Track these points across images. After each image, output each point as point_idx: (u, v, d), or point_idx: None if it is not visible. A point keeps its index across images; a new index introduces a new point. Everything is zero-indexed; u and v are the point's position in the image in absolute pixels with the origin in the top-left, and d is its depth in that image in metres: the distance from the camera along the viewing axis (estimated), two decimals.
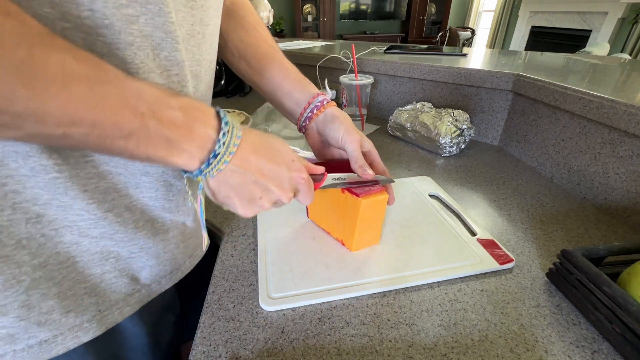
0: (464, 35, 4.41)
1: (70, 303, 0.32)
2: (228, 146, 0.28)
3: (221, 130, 0.28)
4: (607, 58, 1.09)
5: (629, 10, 3.32)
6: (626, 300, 0.32)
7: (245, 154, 0.30)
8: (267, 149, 0.32)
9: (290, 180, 0.33)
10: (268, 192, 0.32)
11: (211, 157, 0.28)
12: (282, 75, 0.45)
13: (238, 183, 0.30)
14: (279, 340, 0.34)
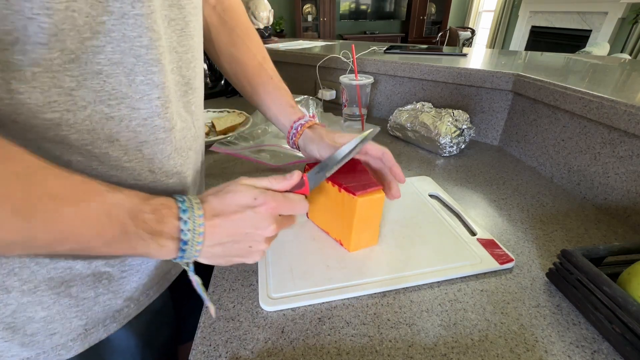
0: (464, 35, 4.41)
1: (57, 326, 0.33)
2: (194, 230, 0.29)
3: (180, 220, 0.29)
4: (607, 58, 1.09)
5: (629, 10, 3.32)
6: (626, 300, 0.32)
7: (212, 228, 0.30)
8: (227, 206, 0.32)
9: (263, 217, 0.32)
10: (253, 240, 0.33)
11: (182, 245, 0.29)
12: (270, 99, 0.51)
13: (223, 251, 0.32)
14: (279, 340, 0.34)
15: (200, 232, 0.30)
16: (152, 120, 0.32)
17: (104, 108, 0.28)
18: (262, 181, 0.34)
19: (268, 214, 0.32)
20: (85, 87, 0.27)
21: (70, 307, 0.33)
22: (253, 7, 1.32)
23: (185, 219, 0.29)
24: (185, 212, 0.29)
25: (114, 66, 0.27)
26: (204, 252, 0.31)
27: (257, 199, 0.32)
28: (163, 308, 0.45)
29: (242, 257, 0.34)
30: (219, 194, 0.32)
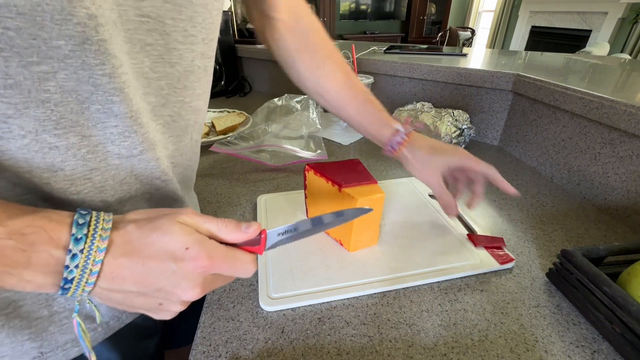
0: (464, 35, 4.41)
1: (7, 349, 0.30)
2: (84, 268, 0.23)
3: (70, 253, 0.22)
4: (607, 58, 1.09)
5: (629, 10, 3.32)
6: (626, 300, 0.32)
7: (114, 269, 0.24)
8: (146, 246, 0.25)
9: (187, 275, 0.25)
10: (165, 299, 0.26)
11: (64, 283, 0.23)
12: (360, 116, 0.49)
13: (124, 299, 0.25)
14: (279, 340, 0.34)
15: (94, 272, 0.23)
16: (104, 147, 0.28)
17: (47, 137, 0.25)
18: (210, 223, 0.27)
19: (196, 273, 0.25)
20: (25, 116, 0.23)
21: (22, 329, 0.30)
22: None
23: (76, 252, 0.22)
24: (79, 242, 0.22)
25: (65, 94, 0.24)
26: (96, 293, 0.24)
27: (188, 250, 0.25)
28: (145, 320, 0.42)
29: (147, 311, 0.27)
30: (143, 226, 0.25)
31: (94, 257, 0.23)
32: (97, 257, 0.23)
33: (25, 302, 0.30)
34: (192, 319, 0.51)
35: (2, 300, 0.29)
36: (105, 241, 0.23)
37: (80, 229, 0.23)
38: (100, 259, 0.23)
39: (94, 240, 0.23)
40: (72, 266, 0.22)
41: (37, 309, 0.31)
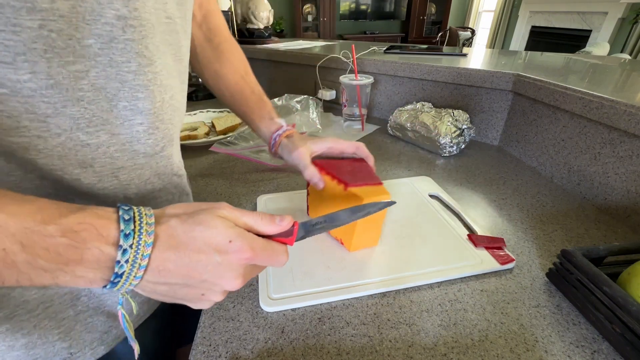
0: (464, 35, 4.41)
1: (40, 351, 0.31)
2: (134, 262, 0.23)
3: (120, 248, 0.23)
4: (607, 58, 1.09)
5: (629, 10, 3.32)
6: (626, 300, 0.32)
7: (160, 262, 0.24)
8: (191, 239, 0.25)
9: (231, 267, 0.26)
10: (209, 290, 0.27)
11: (114, 278, 0.23)
12: (252, 112, 0.53)
13: (168, 291, 0.26)
14: (279, 340, 0.34)
15: (143, 266, 0.24)
16: (131, 146, 0.30)
17: (80, 135, 0.26)
18: (247, 217, 0.28)
19: (239, 264, 0.26)
20: (62, 115, 0.25)
21: (52, 329, 0.31)
22: (253, 7, 1.32)
23: (126, 247, 0.23)
24: (128, 237, 0.23)
25: (96, 92, 0.26)
26: (142, 286, 0.25)
27: (232, 243, 0.26)
28: (160, 312, 0.44)
29: (188, 301, 0.28)
30: (186, 221, 0.25)
31: (142, 252, 0.23)
32: (145, 252, 0.23)
33: (53, 303, 0.31)
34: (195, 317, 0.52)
35: (32, 302, 0.29)
36: (151, 236, 0.24)
37: (127, 225, 0.23)
38: (148, 254, 0.24)
39: (141, 235, 0.24)
40: (122, 261, 0.23)
41: (63, 309, 0.31)
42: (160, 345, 0.46)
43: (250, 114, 0.53)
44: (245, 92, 0.53)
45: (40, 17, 0.22)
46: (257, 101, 0.53)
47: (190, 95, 1.19)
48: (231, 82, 0.53)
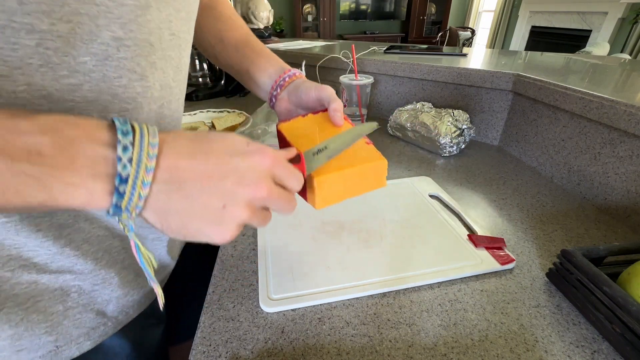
0: (464, 35, 4.41)
1: (25, 342, 0.31)
2: (140, 160, 0.20)
3: (119, 143, 0.20)
4: (607, 58, 1.09)
5: (629, 10, 3.32)
6: (626, 300, 0.32)
7: (173, 163, 0.22)
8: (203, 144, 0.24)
9: (252, 167, 0.24)
10: (230, 198, 0.24)
11: (119, 184, 0.20)
12: (257, 54, 0.47)
13: (184, 206, 0.23)
14: (279, 341, 0.34)
15: (150, 168, 0.21)
16: None
17: None
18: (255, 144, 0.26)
19: (262, 167, 0.24)
20: None
21: (39, 323, 0.31)
22: (253, 7, 1.32)
23: (126, 144, 0.20)
24: (127, 135, 0.20)
25: (87, 104, 0.27)
26: (152, 202, 0.22)
27: (250, 145, 0.25)
28: (153, 310, 0.44)
29: (207, 225, 0.24)
30: (193, 135, 0.24)
31: (148, 152, 0.21)
32: (151, 151, 0.21)
33: (43, 297, 0.31)
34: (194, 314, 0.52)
35: (22, 296, 0.30)
36: (155, 137, 0.21)
37: (124, 124, 0.21)
38: (155, 154, 0.21)
39: (143, 135, 0.21)
40: (124, 159, 0.20)
41: (53, 304, 0.32)
42: (153, 343, 0.46)
43: (257, 63, 0.47)
44: (252, 42, 0.49)
45: (38, 37, 0.23)
46: (265, 51, 0.48)
47: (190, 95, 1.19)
48: (236, 36, 0.49)
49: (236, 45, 0.49)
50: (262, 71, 0.47)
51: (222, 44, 0.49)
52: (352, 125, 0.39)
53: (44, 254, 0.30)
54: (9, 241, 0.28)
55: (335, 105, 0.38)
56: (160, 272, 0.42)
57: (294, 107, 0.44)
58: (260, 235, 0.48)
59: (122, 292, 0.37)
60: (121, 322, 0.38)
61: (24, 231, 0.28)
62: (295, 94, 0.43)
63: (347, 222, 0.51)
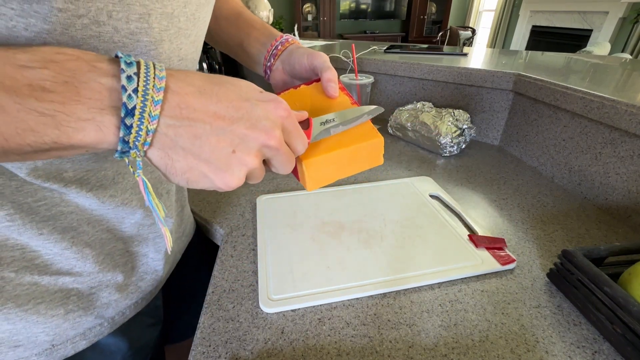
0: (464, 35, 4.40)
1: (22, 339, 0.31)
2: (146, 92, 0.19)
3: (123, 72, 0.19)
4: (608, 58, 1.09)
5: (629, 9, 3.32)
6: (627, 301, 0.31)
7: (182, 99, 0.21)
8: (216, 85, 0.23)
9: (269, 116, 0.23)
10: (241, 143, 0.23)
11: (125, 117, 0.19)
12: (249, 25, 0.45)
13: (191, 142, 0.21)
14: (278, 341, 0.34)
15: (157, 101, 0.20)
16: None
17: None
18: None
19: (276, 116, 0.24)
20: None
21: (37, 324, 0.31)
22: (253, 7, 1.31)
23: (130, 74, 0.19)
24: (131, 65, 0.20)
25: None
26: (159, 137, 0.21)
27: (263, 93, 0.24)
28: (151, 310, 0.44)
29: (213, 169, 0.22)
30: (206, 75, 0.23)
31: (154, 83, 0.20)
32: (158, 84, 0.20)
33: (44, 300, 0.31)
34: (188, 315, 0.51)
35: (23, 297, 0.30)
36: (162, 70, 0.21)
37: (127, 56, 0.20)
38: (162, 87, 0.20)
39: (149, 67, 0.20)
40: (129, 89, 0.19)
41: (54, 307, 0.32)
42: (149, 343, 0.45)
43: (250, 34, 0.44)
44: (244, 14, 0.46)
45: None
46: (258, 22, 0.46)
47: None
48: (228, 9, 0.46)
49: (227, 18, 0.46)
50: (255, 41, 0.44)
51: (215, 20, 0.46)
52: (349, 96, 0.37)
53: (45, 254, 0.30)
54: (12, 241, 0.28)
55: (329, 74, 0.36)
56: (156, 279, 0.42)
57: (289, 77, 0.42)
58: (259, 235, 0.48)
59: (120, 295, 0.37)
60: (117, 322, 0.38)
61: (27, 233, 0.28)
62: (289, 62, 0.40)
63: (347, 222, 0.51)
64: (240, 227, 0.51)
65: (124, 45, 0.25)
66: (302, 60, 0.38)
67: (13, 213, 0.27)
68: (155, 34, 0.27)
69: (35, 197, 0.28)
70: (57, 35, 0.21)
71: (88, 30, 0.22)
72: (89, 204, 0.31)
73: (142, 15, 0.25)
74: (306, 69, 0.38)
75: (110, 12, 0.23)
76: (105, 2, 0.22)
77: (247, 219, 0.53)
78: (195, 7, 0.31)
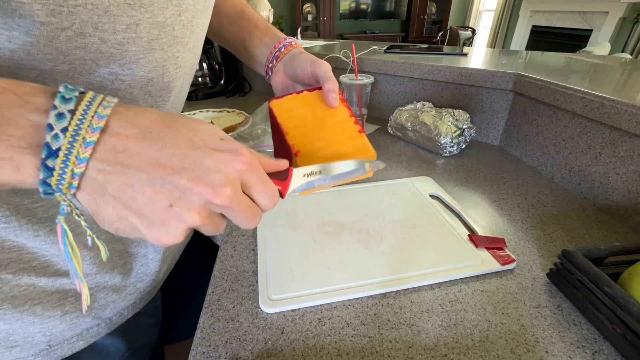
0: (464, 35, 4.40)
1: (19, 339, 0.31)
2: (77, 132, 0.17)
3: (54, 109, 0.17)
4: (608, 58, 1.09)
5: (629, 9, 3.32)
6: (627, 301, 0.31)
7: (120, 142, 0.19)
8: (167, 127, 0.20)
9: (222, 169, 0.20)
10: (182, 195, 0.20)
11: (47, 158, 0.17)
12: (253, 25, 0.45)
13: (122, 190, 0.19)
14: (278, 341, 0.34)
15: (90, 142, 0.18)
16: None
17: None
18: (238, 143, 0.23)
19: (230, 170, 0.21)
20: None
21: (34, 325, 0.31)
22: (253, 7, 1.31)
23: (63, 111, 0.17)
24: (69, 101, 0.18)
25: None
26: (88, 182, 0.19)
27: (224, 142, 0.21)
28: (150, 310, 0.44)
29: (146, 224, 0.20)
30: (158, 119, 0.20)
31: (90, 122, 0.18)
32: (95, 123, 0.18)
33: (41, 301, 0.31)
34: (188, 315, 0.51)
35: (19, 298, 0.30)
36: (107, 109, 0.18)
37: (70, 91, 0.18)
38: (99, 127, 0.18)
39: (92, 104, 0.18)
40: (57, 128, 0.17)
41: (50, 308, 0.32)
42: (148, 343, 0.46)
43: (253, 34, 0.44)
44: (247, 13, 0.46)
45: (38, 72, 0.23)
46: (262, 22, 0.46)
47: (190, 95, 1.19)
48: (231, 7, 0.46)
49: (230, 16, 0.46)
50: (258, 41, 0.44)
51: (216, 17, 0.46)
52: (348, 109, 0.37)
53: (43, 256, 0.30)
54: (9, 243, 0.28)
55: (330, 85, 0.36)
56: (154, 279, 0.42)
57: (290, 80, 0.42)
58: (259, 235, 0.48)
59: (118, 296, 0.37)
60: (115, 323, 0.38)
61: (24, 235, 0.28)
62: (291, 66, 0.40)
63: (347, 222, 0.51)
64: (240, 227, 0.51)
65: (111, 55, 0.25)
66: (304, 67, 0.38)
67: (9, 215, 0.27)
68: (144, 43, 0.27)
69: (32, 198, 0.28)
70: (41, 47, 0.21)
71: (73, 41, 0.22)
72: None
73: (130, 26, 0.25)
74: (308, 76, 0.38)
75: (96, 24, 0.23)
76: (90, 15, 0.22)
77: None
78: (192, 15, 0.31)
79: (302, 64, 0.39)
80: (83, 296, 0.22)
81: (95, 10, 0.22)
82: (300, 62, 0.39)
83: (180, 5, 0.28)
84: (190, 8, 0.30)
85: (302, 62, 0.39)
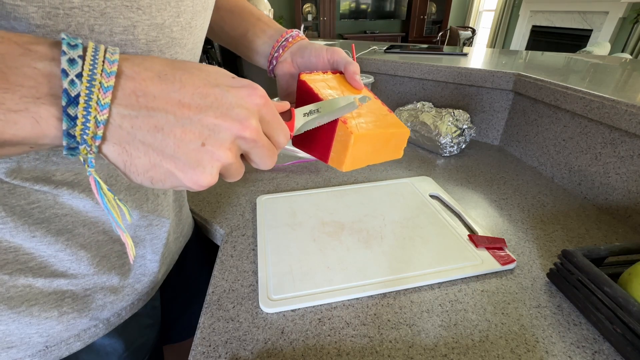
0: (464, 35, 4.40)
1: (16, 340, 0.31)
2: (93, 77, 0.17)
3: (64, 55, 0.16)
4: (608, 58, 1.09)
5: (629, 9, 3.32)
6: (627, 301, 0.31)
7: (138, 85, 0.18)
8: (179, 70, 0.20)
9: (243, 103, 0.20)
10: (213, 132, 0.20)
11: (68, 106, 0.16)
12: (255, 17, 0.44)
13: (152, 135, 0.18)
14: (278, 341, 0.34)
15: (107, 87, 0.17)
16: None
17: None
18: None
19: (251, 104, 0.21)
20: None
21: (31, 325, 0.31)
22: None
23: (73, 57, 0.16)
24: (75, 48, 0.17)
25: None
26: (113, 130, 0.18)
27: (235, 79, 0.21)
28: (148, 310, 0.43)
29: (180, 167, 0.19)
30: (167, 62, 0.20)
31: (102, 67, 0.17)
32: (109, 67, 0.17)
33: (38, 302, 0.31)
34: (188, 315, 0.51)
35: (16, 299, 0.30)
36: (115, 53, 0.18)
37: (72, 38, 0.17)
38: (113, 71, 0.17)
39: (98, 49, 0.17)
40: (72, 74, 0.16)
41: (47, 309, 0.32)
42: (146, 343, 0.45)
43: (255, 25, 0.43)
44: (249, 7, 0.45)
45: None
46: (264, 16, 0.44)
47: None
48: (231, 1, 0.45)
49: (232, 10, 0.45)
50: (261, 32, 0.43)
51: (217, 12, 0.45)
52: (369, 91, 0.38)
53: (39, 257, 0.30)
54: (5, 244, 0.28)
55: (354, 67, 0.36)
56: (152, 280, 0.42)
57: (297, 70, 0.41)
58: (259, 234, 0.48)
59: (116, 296, 0.37)
60: (113, 323, 0.38)
61: (20, 235, 0.28)
62: (302, 55, 0.39)
63: (347, 222, 0.51)
64: (240, 227, 0.51)
65: None
66: (320, 54, 0.38)
67: (5, 216, 0.27)
68: (142, 45, 0.26)
69: (28, 199, 0.28)
70: None
71: None
72: (83, 205, 0.31)
73: (127, 28, 0.24)
74: (324, 63, 0.38)
75: (92, 26, 0.22)
76: (87, 17, 0.22)
77: (247, 219, 0.53)
78: (191, 16, 0.30)
79: (318, 52, 0.38)
80: (128, 247, 0.22)
81: (91, 12, 0.22)
82: (315, 50, 0.39)
83: (179, 7, 0.28)
84: (188, 9, 0.30)
85: (316, 50, 0.39)
